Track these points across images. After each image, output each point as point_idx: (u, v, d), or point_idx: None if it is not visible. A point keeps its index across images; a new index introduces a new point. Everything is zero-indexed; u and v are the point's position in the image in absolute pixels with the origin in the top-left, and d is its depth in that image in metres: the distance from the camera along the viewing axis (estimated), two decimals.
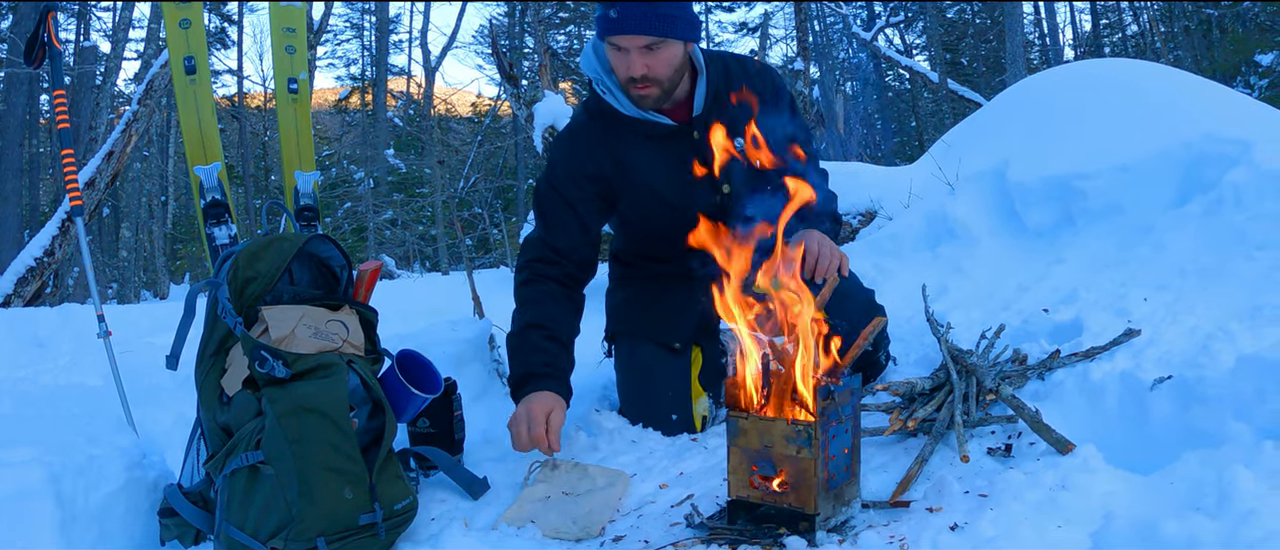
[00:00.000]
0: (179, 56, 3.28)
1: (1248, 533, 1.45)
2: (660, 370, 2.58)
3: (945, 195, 3.82)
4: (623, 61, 2.31)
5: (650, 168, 2.45)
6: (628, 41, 2.27)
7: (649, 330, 2.62)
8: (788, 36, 24.08)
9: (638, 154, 2.45)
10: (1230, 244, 2.71)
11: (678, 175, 2.42)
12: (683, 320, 2.60)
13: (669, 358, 2.59)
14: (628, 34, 2.25)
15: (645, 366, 2.60)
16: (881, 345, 2.71)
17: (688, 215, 2.27)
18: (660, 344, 2.59)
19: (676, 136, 2.43)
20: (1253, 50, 13.55)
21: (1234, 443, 1.79)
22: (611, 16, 2.25)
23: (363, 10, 26.15)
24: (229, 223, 3.10)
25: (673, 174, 2.43)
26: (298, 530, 1.78)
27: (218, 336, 1.95)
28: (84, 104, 13.58)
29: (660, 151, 2.44)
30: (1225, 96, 3.70)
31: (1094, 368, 2.25)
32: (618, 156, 2.46)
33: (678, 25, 2.28)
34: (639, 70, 2.28)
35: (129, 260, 18.30)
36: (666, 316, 2.61)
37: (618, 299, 2.78)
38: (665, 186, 2.45)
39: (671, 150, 2.44)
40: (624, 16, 2.23)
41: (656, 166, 2.45)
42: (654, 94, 2.34)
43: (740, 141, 2.38)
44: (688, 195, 2.43)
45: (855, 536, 1.70)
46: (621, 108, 2.42)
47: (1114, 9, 24.16)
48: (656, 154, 2.45)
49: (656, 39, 2.26)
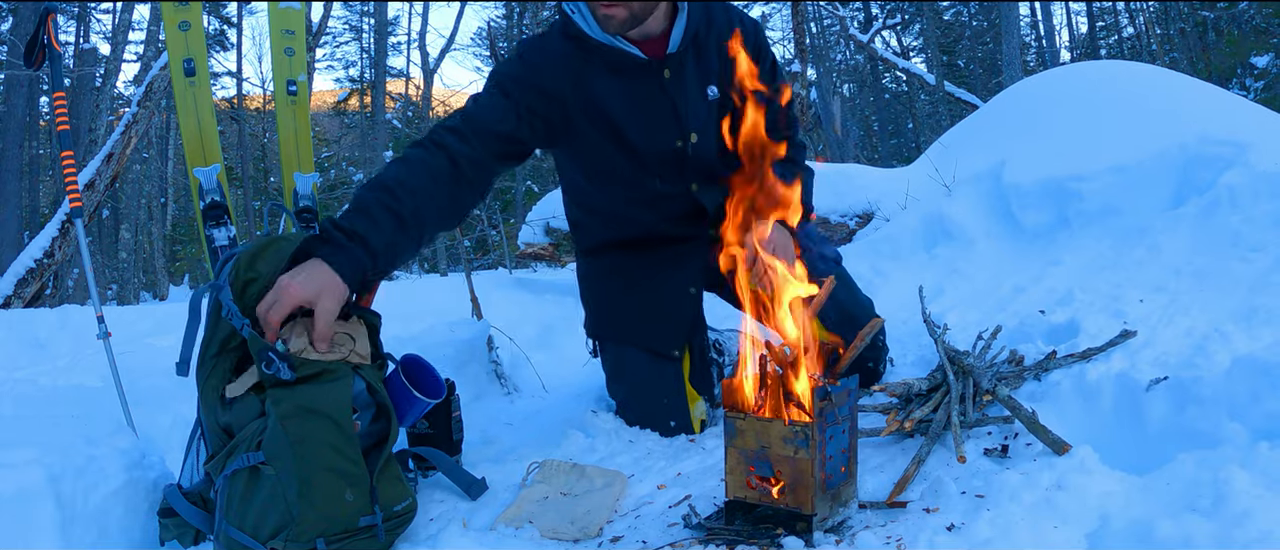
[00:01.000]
0: (178, 59, 3.28)
1: (1243, 533, 1.45)
2: (655, 381, 2.51)
3: (942, 197, 3.83)
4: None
5: (611, 99, 2.22)
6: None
7: (637, 336, 2.52)
8: (785, 38, 24.10)
9: (601, 83, 2.21)
10: (1226, 246, 2.72)
11: (640, 113, 2.23)
12: (674, 320, 2.50)
13: (662, 365, 2.50)
14: None
15: (639, 378, 2.53)
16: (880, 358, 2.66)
17: (645, 160, 2.25)
18: (651, 351, 2.51)
19: (645, 71, 2.21)
20: (1248, 52, 13.58)
21: (1229, 443, 1.80)
22: None
23: (361, 12, 26.20)
24: (228, 224, 3.10)
25: (635, 111, 2.22)
26: (297, 531, 1.79)
27: (220, 338, 1.96)
28: (84, 106, 13.58)
29: (625, 85, 2.22)
30: (1221, 98, 3.72)
31: (1090, 369, 2.25)
32: (580, 80, 2.21)
33: None
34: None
35: (128, 262, 18.31)
36: (655, 320, 2.50)
37: (595, 295, 2.63)
38: (625, 122, 2.23)
39: (638, 86, 2.22)
40: None
41: (618, 100, 2.22)
42: (620, 16, 2.11)
43: (714, 90, 2.25)
44: (647, 137, 2.25)
45: (852, 537, 1.70)
46: (590, 31, 2.19)
47: (1110, 11, 24.23)
48: (621, 87, 2.22)
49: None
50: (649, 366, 2.51)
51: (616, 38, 2.17)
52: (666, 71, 2.22)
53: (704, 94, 2.25)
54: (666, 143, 2.26)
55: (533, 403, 3.21)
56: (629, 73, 2.21)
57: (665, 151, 2.25)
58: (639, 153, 2.25)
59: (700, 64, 2.24)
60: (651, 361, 2.51)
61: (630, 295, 2.50)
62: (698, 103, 2.25)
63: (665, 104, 2.22)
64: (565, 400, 3.10)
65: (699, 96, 2.25)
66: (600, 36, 2.17)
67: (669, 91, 2.22)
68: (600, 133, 2.26)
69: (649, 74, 2.21)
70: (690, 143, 2.27)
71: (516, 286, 5.30)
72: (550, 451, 2.44)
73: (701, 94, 2.25)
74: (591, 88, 2.22)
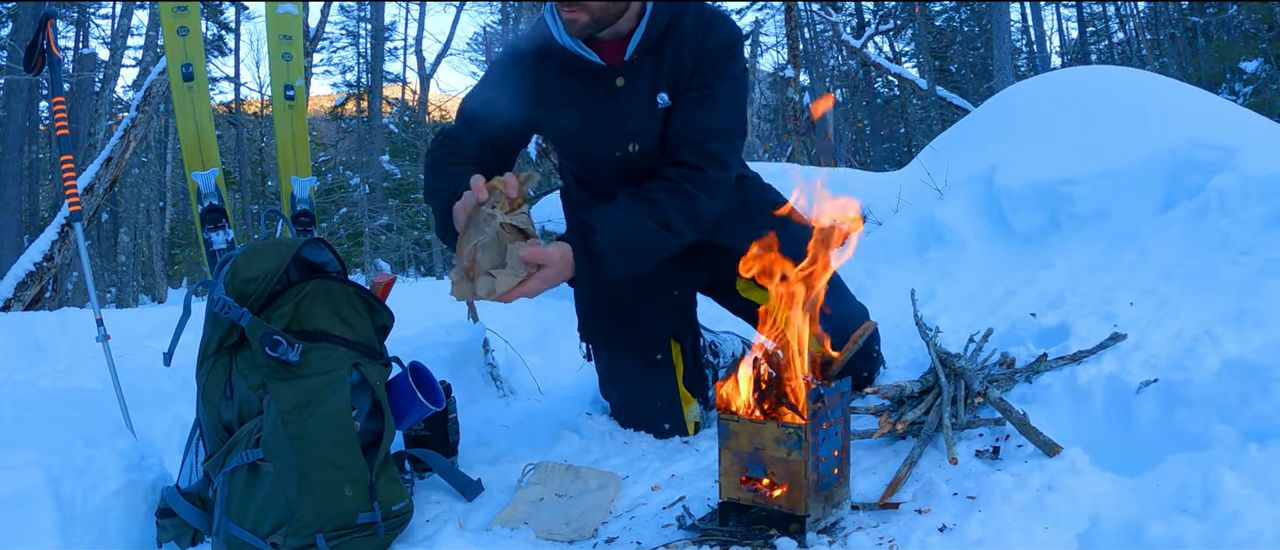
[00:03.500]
0: (177, 63, 3.29)
1: (1232, 534, 1.46)
2: (648, 384, 2.54)
3: (934, 201, 3.83)
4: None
5: (565, 101, 2.27)
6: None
7: (625, 342, 2.55)
8: (778, 44, 24.12)
9: (559, 84, 2.26)
10: (1215, 249, 2.72)
11: (589, 117, 2.27)
12: (657, 323, 2.52)
13: (652, 370, 2.53)
14: None
15: (631, 382, 2.56)
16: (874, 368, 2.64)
17: (592, 163, 2.33)
18: (639, 357, 2.54)
19: (599, 77, 2.22)
20: (1237, 57, 13.60)
21: (1219, 445, 1.81)
22: None
23: (358, 18, 26.20)
24: (226, 228, 3.10)
25: (585, 115, 2.27)
26: (297, 526, 1.80)
27: (218, 335, 1.97)
28: (83, 110, 13.57)
29: (580, 88, 2.25)
30: (1210, 103, 3.72)
31: (1081, 371, 2.26)
32: (541, 80, 2.27)
33: None
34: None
35: (127, 265, 18.30)
36: (639, 324, 2.52)
37: (582, 299, 2.65)
38: (574, 125, 2.29)
39: (590, 90, 2.24)
40: None
41: (571, 102, 2.26)
42: (582, 20, 2.11)
43: (664, 96, 2.22)
44: (592, 142, 2.30)
45: (845, 538, 1.71)
46: (556, 34, 2.21)
47: (1100, 17, 24.29)
48: (576, 89, 2.25)
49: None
50: (641, 370, 2.54)
51: (577, 42, 2.18)
52: (619, 79, 2.22)
53: (654, 101, 2.23)
54: (608, 150, 2.29)
55: (528, 405, 3.21)
56: (583, 77, 2.24)
57: (607, 157, 2.29)
58: (585, 156, 2.34)
59: (656, 70, 2.22)
60: (643, 366, 2.54)
61: (612, 297, 2.48)
62: (644, 110, 2.23)
63: (610, 112, 2.24)
64: (560, 402, 3.11)
65: (648, 104, 2.23)
66: (563, 40, 2.19)
67: (618, 99, 2.23)
68: (556, 131, 2.35)
69: (602, 79, 2.23)
70: (629, 151, 2.28)
71: None
72: (545, 453, 2.46)
73: (651, 101, 2.23)
74: (549, 88, 2.26)
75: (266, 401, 1.88)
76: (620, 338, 2.56)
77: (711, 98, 2.19)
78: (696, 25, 2.23)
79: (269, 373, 1.92)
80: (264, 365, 1.93)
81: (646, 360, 2.53)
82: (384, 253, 19.37)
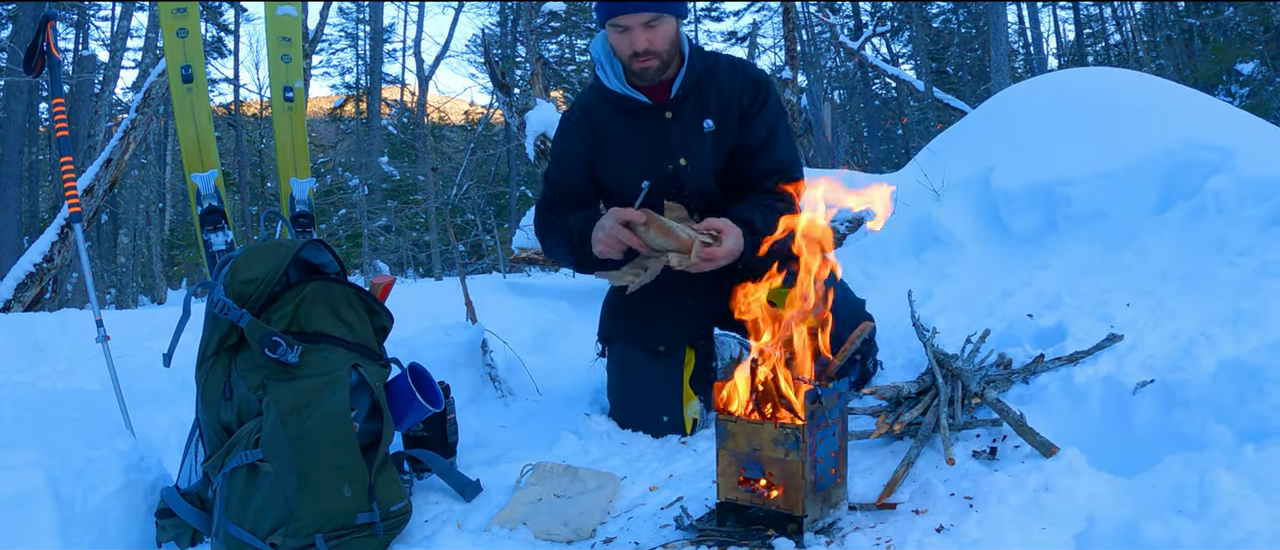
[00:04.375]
0: (176, 65, 3.29)
1: (1229, 534, 1.47)
2: (649, 372, 2.65)
3: (931, 202, 3.83)
4: (625, 39, 2.55)
5: (620, 137, 2.69)
6: (630, 20, 2.52)
7: (637, 334, 2.71)
8: (776, 46, 24.13)
9: (615, 125, 2.69)
10: (1211, 250, 2.72)
11: (643, 146, 2.67)
12: (668, 324, 2.70)
13: (658, 360, 2.66)
14: (630, 13, 2.51)
15: (634, 369, 2.68)
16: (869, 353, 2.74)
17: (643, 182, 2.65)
18: (647, 348, 2.68)
19: (649, 113, 2.66)
20: (1234, 59, 13.61)
21: (1215, 446, 1.82)
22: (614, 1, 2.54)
23: (357, 20, 26.22)
24: (225, 229, 3.10)
25: (639, 144, 2.67)
26: (296, 526, 1.81)
27: (217, 336, 1.98)
28: (83, 112, 13.56)
29: (633, 125, 2.67)
30: (1207, 105, 3.72)
31: (1078, 372, 2.27)
32: (597, 125, 2.71)
33: (671, 3, 2.57)
34: (641, 45, 2.53)
35: (127, 266, 18.29)
36: (653, 320, 2.70)
37: (610, 302, 2.87)
38: (629, 154, 2.68)
39: (642, 125, 2.67)
40: None
41: (625, 136, 2.68)
42: (654, 65, 2.57)
43: (709, 122, 2.64)
44: (648, 160, 2.66)
45: (843, 538, 1.72)
46: (609, 84, 2.67)
47: (1097, 19, 24.31)
48: (630, 126, 2.68)
49: (655, 15, 2.52)
50: (647, 362, 2.66)
51: (627, 88, 2.65)
52: (668, 112, 2.65)
53: (701, 127, 2.64)
54: (661, 166, 2.65)
55: (527, 406, 3.22)
56: (634, 115, 2.67)
57: (661, 174, 2.65)
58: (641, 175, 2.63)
59: (701, 104, 2.66)
60: (649, 358, 2.66)
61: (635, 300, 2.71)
62: (692, 134, 2.64)
63: (661, 137, 2.65)
64: (559, 403, 3.12)
65: (696, 129, 2.64)
66: (616, 88, 2.66)
67: (668, 127, 2.65)
68: (613, 163, 2.71)
69: (652, 116, 2.66)
70: (680, 165, 2.65)
71: (510, 291, 5.30)
72: (544, 454, 2.47)
73: (698, 127, 2.64)
74: (605, 129, 2.71)
75: (266, 402, 1.89)
76: (633, 333, 2.72)
77: (778, 134, 2.68)
78: (731, 67, 2.72)
79: (268, 374, 1.93)
80: (263, 366, 1.94)
81: (653, 353, 2.67)
82: (383, 254, 19.35)
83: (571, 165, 2.75)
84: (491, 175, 22.56)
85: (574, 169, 2.75)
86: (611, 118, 2.71)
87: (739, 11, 26.54)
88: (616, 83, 2.67)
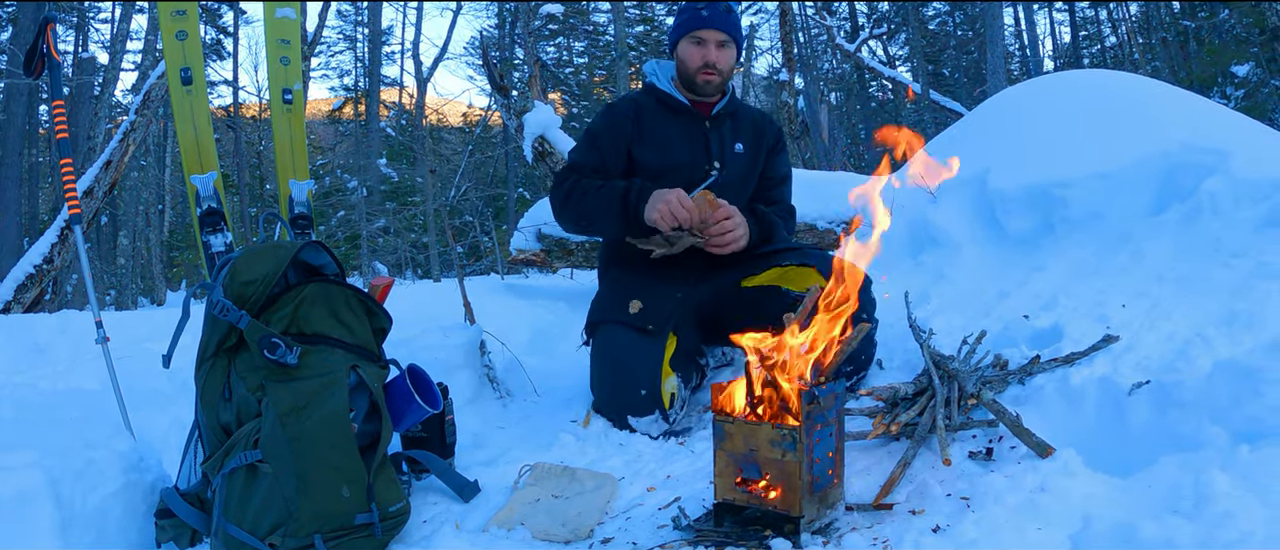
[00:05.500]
0: (175, 67, 3.29)
1: (1224, 534, 1.47)
2: (631, 348, 2.72)
3: (927, 203, 3.83)
4: (700, 52, 2.93)
5: (663, 128, 3.00)
6: (710, 35, 2.92)
7: (625, 317, 2.80)
8: (773, 48, 24.15)
9: (660, 118, 3.02)
10: (1207, 251, 2.72)
11: (684, 143, 2.99)
12: (659, 307, 2.81)
13: (641, 339, 2.74)
14: (713, 28, 2.91)
15: (618, 345, 2.76)
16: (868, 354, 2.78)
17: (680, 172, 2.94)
18: (636, 327, 2.76)
19: (691, 116, 3.01)
20: (1229, 61, 13.64)
21: (1210, 446, 1.82)
22: (703, 15, 2.92)
23: (356, 22, 26.23)
24: (225, 231, 3.10)
25: (678, 139, 2.99)
26: (295, 527, 1.81)
27: (217, 337, 1.98)
28: (82, 114, 13.54)
29: (675, 121, 3.01)
30: (1202, 107, 3.71)
31: (1073, 373, 2.28)
32: (643, 113, 3.02)
33: (740, 34, 3.03)
34: (712, 57, 2.92)
35: (126, 267, 18.26)
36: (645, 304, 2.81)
37: (600, 292, 3.06)
38: (670, 145, 2.98)
39: (684, 125, 3.01)
40: (713, 16, 2.92)
41: (668, 129, 3.00)
42: (716, 80, 2.95)
43: (740, 146, 3.02)
44: (685, 158, 2.97)
45: (839, 538, 1.73)
46: (659, 84, 3.04)
47: (1093, 21, 24.36)
48: (672, 122, 3.01)
49: (729, 38, 2.94)
50: (630, 338, 2.75)
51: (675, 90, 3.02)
52: (707, 122, 3.01)
53: (733, 146, 3.01)
54: (698, 166, 2.97)
55: (525, 406, 3.23)
56: (679, 115, 3.01)
57: (697, 173, 2.95)
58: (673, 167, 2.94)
59: (735, 129, 3.05)
60: (636, 335, 2.75)
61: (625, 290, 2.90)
62: (727, 148, 3.00)
63: (701, 140, 2.99)
64: (557, 404, 3.12)
65: (730, 145, 3.01)
66: (665, 88, 3.02)
67: (707, 134, 3.00)
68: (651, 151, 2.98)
69: (693, 119, 3.02)
70: (714, 167, 2.97)
71: (508, 292, 5.31)
72: (542, 454, 2.47)
73: (732, 145, 3.01)
74: (647, 119, 3.01)
75: (265, 403, 1.90)
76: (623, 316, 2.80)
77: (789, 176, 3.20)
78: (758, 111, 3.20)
79: (267, 375, 1.93)
80: (262, 367, 1.94)
81: (641, 331, 2.75)
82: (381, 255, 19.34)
83: (612, 141, 2.99)
84: (489, 177, 22.57)
85: (614, 144, 2.99)
86: (658, 113, 3.02)
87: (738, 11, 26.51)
88: (666, 84, 3.03)
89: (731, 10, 2.97)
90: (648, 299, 2.82)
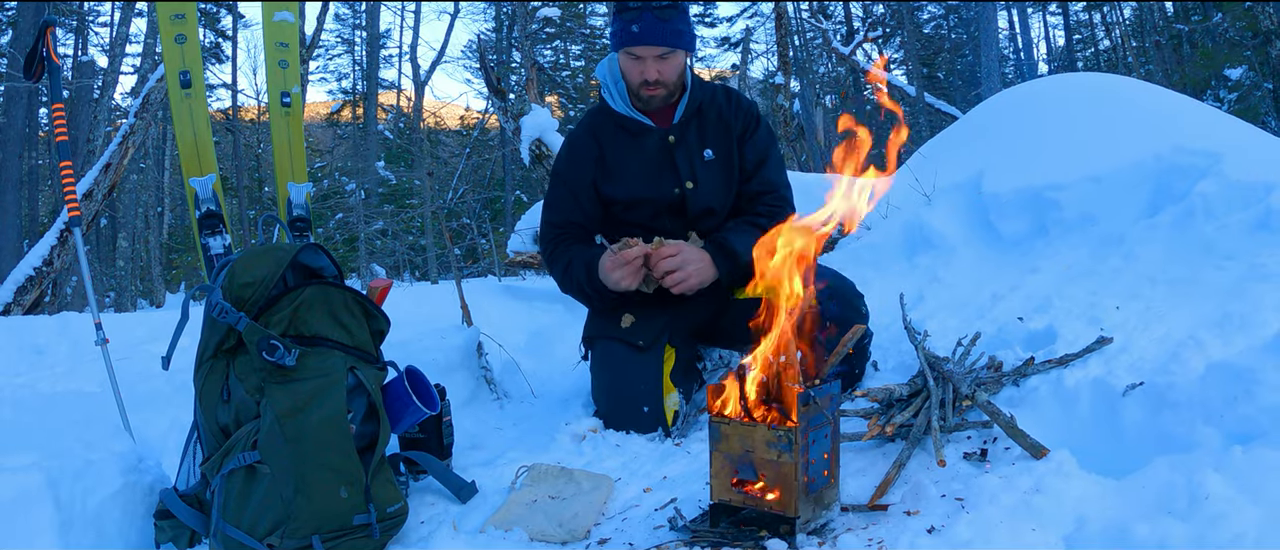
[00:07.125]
0: (175, 71, 3.30)
1: (1217, 535, 1.47)
2: (630, 366, 2.70)
3: (922, 206, 3.84)
4: (637, 68, 2.73)
5: (625, 157, 2.83)
6: (645, 51, 2.70)
7: (617, 332, 2.77)
8: (769, 51, 24.16)
9: (621, 145, 2.84)
10: (1200, 254, 2.73)
11: (647, 167, 2.82)
12: (648, 324, 2.77)
13: (638, 355, 2.72)
14: (646, 45, 2.68)
15: (616, 363, 2.73)
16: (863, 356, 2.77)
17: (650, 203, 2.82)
18: (629, 344, 2.73)
19: (653, 135, 2.82)
20: (1222, 64, 13.67)
21: (1204, 447, 1.82)
22: (633, 31, 2.67)
23: (354, 26, 26.27)
24: (223, 233, 3.11)
25: (642, 165, 2.82)
26: (293, 527, 1.82)
27: (216, 339, 1.98)
28: (82, 117, 13.52)
29: (637, 145, 2.83)
30: (1195, 109, 3.72)
31: (1067, 374, 2.28)
32: (603, 145, 2.85)
33: (684, 39, 2.73)
34: (652, 75, 2.72)
35: (126, 270, 18.24)
36: (636, 320, 2.78)
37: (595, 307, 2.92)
38: (634, 174, 2.83)
39: (646, 146, 2.82)
40: (644, 31, 2.66)
41: (631, 157, 2.83)
42: (661, 94, 2.76)
43: (710, 152, 2.82)
44: (652, 185, 2.81)
45: (835, 539, 1.73)
46: (615, 106, 2.83)
47: (1087, 25, 24.40)
48: (634, 147, 2.83)
49: (668, 50, 2.70)
50: (628, 355, 2.73)
51: (632, 110, 2.81)
52: (671, 137, 2.81)
53: (702, 154, 2.81)
54: (668, 189, 2.80)
55: (522, 408, 3.24)
56: (639, 136, 2.82)
57: (667, 196, 2.80)
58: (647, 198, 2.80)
59: (702, 131, 2.83)
60: (631, 353, 2.72)
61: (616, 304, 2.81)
62: (695, 160, 2.81)
63: (667, 160, 2.80)
64: (554, 405, 3.13)
65: (698, 156, 2.81)
66: (622, 110, 2.82)
67: (672, 151, 2.80)
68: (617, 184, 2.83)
69: (656, 138, 2.81)
70: (687, 189, 2.79)
71: (505, 294, 5.33)
72: (539, 455, 2.48)
73: (699, 154, 2.81)
74: (610, 149, 2.84)
75: (263, 405, 1.90)
76: (615, 332, 2.77)
77: (770, 159, 2.87)
78: (726, 95, 2.92)
79: (266, 376, 1.94)
80: (261, 369, 1.95)
81: (634, 348, 2.73)
82: (380, 258, 19.34)
83: (579, 184, 2.86)
84: (487, 179, 22.57)
85: (581, 187, 2.85)
86: (618, 138, 2.84)
87: (732, 17, 26.56)
88: (622, 104, 2.83)
89: (667, 17, 2.68)
90: (638, 313, 2.79)
